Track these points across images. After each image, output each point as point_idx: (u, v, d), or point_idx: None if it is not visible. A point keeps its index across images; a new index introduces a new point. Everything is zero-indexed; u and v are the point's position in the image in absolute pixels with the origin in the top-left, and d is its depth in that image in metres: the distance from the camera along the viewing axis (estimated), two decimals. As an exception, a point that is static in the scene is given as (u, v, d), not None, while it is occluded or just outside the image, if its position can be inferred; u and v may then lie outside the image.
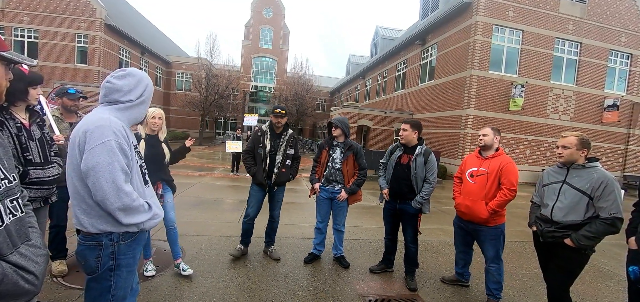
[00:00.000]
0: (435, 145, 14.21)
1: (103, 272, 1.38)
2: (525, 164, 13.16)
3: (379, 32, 25.95)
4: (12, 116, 2.04)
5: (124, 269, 1.43)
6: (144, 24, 30.86)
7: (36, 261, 0.98)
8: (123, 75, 1.45)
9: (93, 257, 1.36)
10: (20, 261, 0.92)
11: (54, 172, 2.22)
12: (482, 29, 12.18)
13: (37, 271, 0.97)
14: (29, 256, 0.96)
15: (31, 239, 1.02)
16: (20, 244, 0.96)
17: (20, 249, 0.95)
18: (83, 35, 18.24)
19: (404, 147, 3.21)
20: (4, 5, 17.30)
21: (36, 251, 1.00)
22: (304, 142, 25.99)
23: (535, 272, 3.61)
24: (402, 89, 18.64)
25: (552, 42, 12.96)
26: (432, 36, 15.34)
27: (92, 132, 1.29)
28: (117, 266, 1.40)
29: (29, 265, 0.94)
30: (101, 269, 1.37)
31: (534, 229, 2.46)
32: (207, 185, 8.04)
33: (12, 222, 0.94)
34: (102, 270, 1.38)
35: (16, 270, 0.90)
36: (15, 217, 0.96)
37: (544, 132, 13.34)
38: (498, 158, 2.79)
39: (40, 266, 0.99)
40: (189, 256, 3.46)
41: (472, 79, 12.32)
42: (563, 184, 2.28)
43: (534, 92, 12.95)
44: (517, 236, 5.18)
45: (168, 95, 28.37)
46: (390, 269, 3.46)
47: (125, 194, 1.31)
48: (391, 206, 3.25)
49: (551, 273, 2.39)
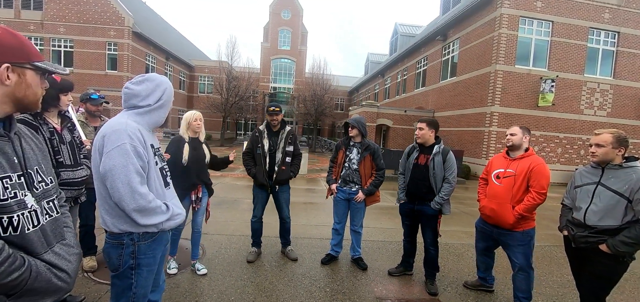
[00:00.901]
0: (458, 144, 13.73)
1: (124, 270, 1.44)
2: (556, 163, 12.42)
3: (398, 29, 25.48)
4: (45, 121, 2.18)
5: (144, 269, 1.48)
6: (168, 29, 32.16)
7: (69, 260, 1.03)
8: (141, 80, 1.50)
9: (116, 255, 1.43)
10: (54, 260, 0.97)
11: (83, 173, 2.35)
12: (508, 21, 11.62)
13: (69, 269, 1.02)
14: (63, 255, 1.01)
15: (66, 238, 1.07)
16: (56, 243, 1.01)
17: (54, 248, 1.00)
18: (113, 43, 19.28)
19: (420, 147, 3.11)
20: (43, 18, 18.64)
21: (70, 250, 1.05)
22: (323, 142, 26.00)
23: (567, 279, 3.39)
24: (422, 87, 18.18)
25: (585, 33, 12.13)
26: (454, 31, 14.84)
27: (109, 136, 1.35)
28: (137, 264, 1.45)
29: (62, 263, 0.99)
30: (123, 267, 1.44)
31: (565, 233, 2.30)
32: (228, 185, 8.24)
33: (47, 223, 1.00)
34: (123, 268, 1.44)
35: (50, 268, 0.95)
36: (51, 218, 1.02)
37: (578, 129, 12.51)
38: (527, 159, 2.61)
39: (72, 264, 1.04)
40: (209, 254, 3.56)
41: (497, 75, 11.78)
42: (598, 186, 2.11)
43: (566, 87, 12.18)
44: (547, 239, 4.88)
45: (191, 98, 29.38)
46: (410, 272, 3.37)
47: (140, 196, 1.35)
48: (409, 207, 3.16)
49: (585, 281, 2.23)
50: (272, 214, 3.63)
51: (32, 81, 0.98)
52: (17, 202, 0.90)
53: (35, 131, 2.07)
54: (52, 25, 18.74)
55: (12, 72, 0.92)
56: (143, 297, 1.51)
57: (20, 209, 0.91)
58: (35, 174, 1.00)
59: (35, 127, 2.09)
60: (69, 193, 2.26)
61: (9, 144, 0.94)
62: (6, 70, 0.91)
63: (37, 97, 1.02)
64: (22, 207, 0.91)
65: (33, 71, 0.98)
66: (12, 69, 0.92)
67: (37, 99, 1.02)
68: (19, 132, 1.02)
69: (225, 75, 23.51)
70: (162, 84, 1.53)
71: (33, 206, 0.95)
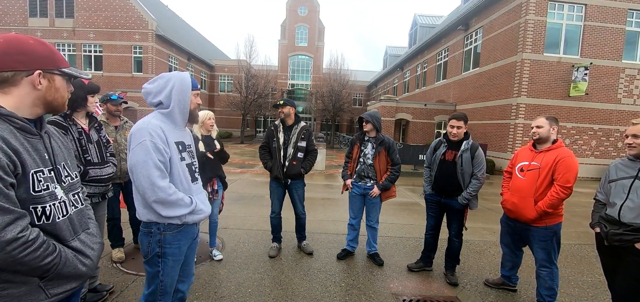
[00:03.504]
0: (482, 137, 13.20)
1: (152, 257, 1.56)
2: (590, 156, 11.65)
3: (417, 20, 24.77)
4: (74, 122, 2.32)
5: (170, 258, 1.57)
6: (189, 31, 33.12)
7: (93, 248, 1.14)
8: (154, 79, 1.60)
9: (146, 242, 1.56)
10: (80, 247, 1.08)
11: (109, 171, 2.49)
12: (535, 6, 10.96)
13: (92, 255, 1.12)
14: (87, 243, 1.12)
15: (90, 228, 1.18)
16: (81, 232, 1.12)
17: (80, 236, 1.11)
18: (138, 47, 20.13)
19: (448, 142, 3.02)
20: (75, 25, 19.78)
21: (93, 239, 1.17)
22: (341, 138, 25.87)
23: (598, 279, 3.19)
24: (443, 79, 17.60)
25: (624, 15, 11.21)
26: (477, 20, 14.21)
27: (133, 134, 1.47)
28: (163, 253, 1.55)
29: (86, 250, 1.10)
30: (151, 254, 1.56)
31: (597, 230, 2.16)
32: (248, 181, 8.42)
33: (74, 213, 1.10)
34: (151, 255, 1.56)
35: (76, 255, 1.05)
36: (77, 209, 1.13)
37: (615, 120, 11.64)
38: (554, 151, 2.46)
39: (95, 251, 1.15)
40: (228, 248, 3.66)
41: (523, 64, 11.18)
42: (635, 180, 1.96)
43: (601, 74, 11.36)
44: (577, 237, 4.60)
45: (212, 97, 30.17)
46: (429, 268, 3.32)
47: (159, 189, 1.43)
48: (436, 199, 3.10)
49: (619, 282, 2.09)
50: (289, 209, 3.67)
51: (60, 86, 1.08)
52: (49, 193, 1.00)
53: (65, 132, 2.23)
54: (83, 31, 19.84)
55: (43, 78, 1.02)
56: (170, 286, 1.62)
57: (52, 200, 1.01)
58: (62, 169, 1.11)
59: (66, 128, 2.23)
60: (97, 189, 2.40)
61: (40, 141, 1.05)
62: (38, 77, 1.01)
63: (64, 100, 1.12)
64: (53, 199, 1.01)
65: (61, 76, 1.08)
66: (43, 75, 1.02)
67: (64, 102, 1.13)
68: (48, 131, 1.12)
69: (244, 73, 23.92)
70: (171, 80, 1.57)
71: (62, 198, 1.06)
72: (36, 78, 1.00)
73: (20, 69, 0.97)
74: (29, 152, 0.97)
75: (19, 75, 0.98)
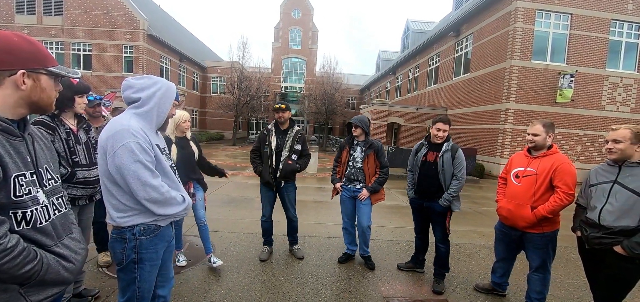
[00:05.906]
0: (471, 142, 13.43)
1: (128, 264, 1.49)
2: (576, 161, 11.95)
3: (409, 25, 25.11)
4: (62, 123, 2.27)
5: (147, 263, 1.52)
6: (181, 31, 32.80)
7: (77, 252, 1.09)
8: (140, 76, 1.57)
9: (119, 249, 1.48)
10: (63, 252, 1.03)
11: (97, 172, 2.43)
12: (524, 15, 11.26)
13: (76, 261, 1.08)
14: (71, 247, 1.08)
15: (73, 232, 1.14)
16: (64, 236, 1.08)
17: (64, 240, 1.06)
18: (129, 46, 19.83)
19: (429, 144, 3.07)
20: (63, 23, 19.37)
21: (77, 244, 1.12)
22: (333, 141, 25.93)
23: (583, 282, 3.26)
24: (435, 84, 17.86)
25: (607, 25, 11.61)
26: (467, 26, 14.50)
27: (113, 137, 1.39)
28: (140, 259, 1.50)
29: (70, 255, 1.05)
30: (126, 261, 1.49)
31: (579, 234, 2.22)
32: (239, 184, 8.35)
33: (57, 217, 1.06)
34: (126, 262, 1.49)
35: (59, 260, 1.01)
36: (60, 213, 1.09)
37: (599, 126, 12.00)
38: (550, 157, 2.44)
39: (79, 256, 1.10)
40: (219, 251, 3.62)
41: (512, 70, 11.45)
42: (614, 184, 2.02)
43: (586, 82, 11.71)
44: (563, 240, 4.68)
45: (204, 98, 29.88)
46: (421, 270, 3.36)
47: (152, 188, 1.40)
48: (418, 203, 3.14)
49: (600, 284, 2.14)
50: (280, 212, 3.66)
51: (46, 85, 1.03)
52: (30, 198, 0.96)
53: (53, 132, 2.18)
54: (71, 29, 19.44)
55: (28, 78, 0.98)
56: (148, 292, 1.56)
57: (34, 204, 0.97)
58: (44, 172, 1.06)
59: (53, 129, 2.18)
60: (84, 191, 2.34)
61: (23, 144, 1.00)
62: (22, 76, 0.96)
63: (51, 100, 1.07)
64: (35, 203, 0.97)
65: (47, 76, 1.03)
66: (27, 75, 0.97)
67: (51, 102, 1.08)
68: (31, 133, 1.08)
69: (237, 75, 23.79)
70: (159, 83, 1.56)
71: (44, 202, 1.01)
72: (20, 78, 0.96)
73: (2, 69, 0.93)
74: (11, 155, 0.93)
75: (2, 75, 0.94)
